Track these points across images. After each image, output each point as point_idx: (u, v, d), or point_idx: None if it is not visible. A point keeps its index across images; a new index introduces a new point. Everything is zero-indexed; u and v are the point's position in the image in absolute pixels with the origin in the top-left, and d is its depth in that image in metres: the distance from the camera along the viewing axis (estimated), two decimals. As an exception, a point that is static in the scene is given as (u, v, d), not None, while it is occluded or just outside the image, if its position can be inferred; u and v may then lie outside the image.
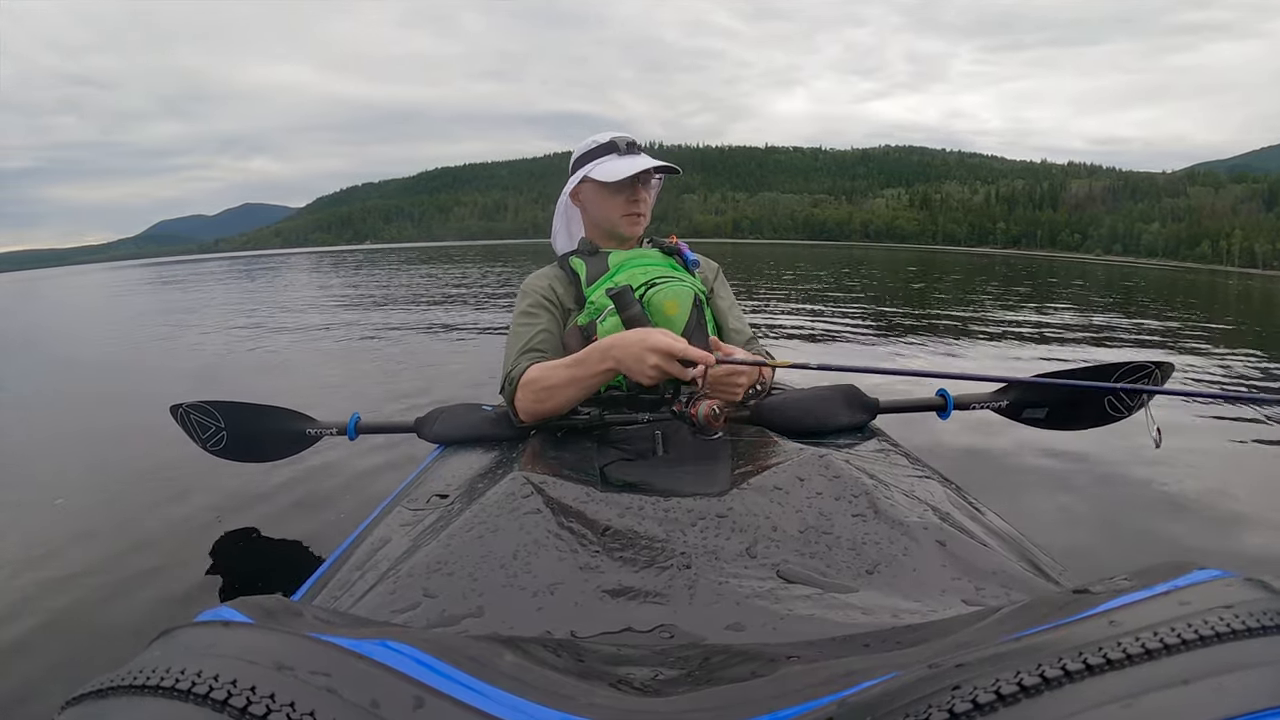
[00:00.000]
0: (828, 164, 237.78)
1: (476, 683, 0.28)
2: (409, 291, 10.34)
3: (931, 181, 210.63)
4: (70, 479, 2.22)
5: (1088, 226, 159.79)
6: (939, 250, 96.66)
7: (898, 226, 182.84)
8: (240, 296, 10.81)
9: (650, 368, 0.90)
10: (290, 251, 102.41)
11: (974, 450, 2.35)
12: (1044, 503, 1.95)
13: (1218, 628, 0.23)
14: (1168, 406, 2.69)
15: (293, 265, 25.68)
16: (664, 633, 0.49)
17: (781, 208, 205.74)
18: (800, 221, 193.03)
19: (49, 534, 1.73)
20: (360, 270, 18.49)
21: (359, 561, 0.71)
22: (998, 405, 1.36)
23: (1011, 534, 0.73)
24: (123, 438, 2.66)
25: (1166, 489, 2.03)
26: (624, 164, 1.16)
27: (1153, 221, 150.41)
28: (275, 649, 0.26)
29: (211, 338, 5.89)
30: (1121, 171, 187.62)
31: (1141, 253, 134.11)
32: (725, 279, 1.33)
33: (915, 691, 0.23)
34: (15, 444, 2.75)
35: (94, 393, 3.80)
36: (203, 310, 8.69)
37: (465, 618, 0.52)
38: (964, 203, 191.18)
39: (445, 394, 3.11)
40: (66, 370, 4.67)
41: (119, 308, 10.59)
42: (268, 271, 19.90)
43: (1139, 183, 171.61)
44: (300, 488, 1.96)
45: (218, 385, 3.77)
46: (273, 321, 6.94)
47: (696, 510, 0.65)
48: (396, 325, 6.23)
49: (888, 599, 0.53)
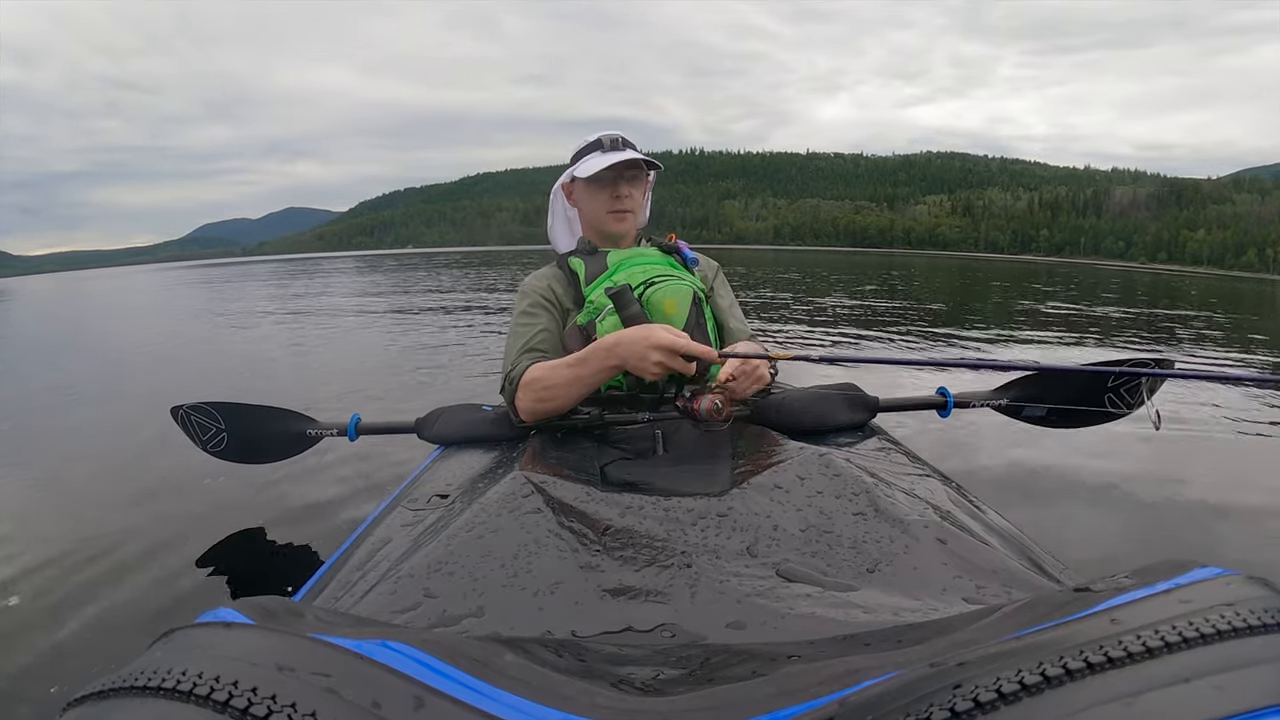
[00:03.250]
0: (869, 170, 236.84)
1: (477, 683, 0.28)
2: (434, 295, 10.29)
3: (974, 188, 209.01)
4: (70, 478, 2.22)
5: (1132, 234, 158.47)
6: (981, 258, 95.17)
7: (940, 234, 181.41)
8: (267, 298, 10.80)
9: (654, 364, 0.90)
10: (331, 255, 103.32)
11: (974, 449, 2.35)
12: (1044, 501, 1.95)
13: (1219, 626, 0.23)
14: (1169, 406, 2.69)
15: (331, 268, 25.83)
16: (665, 632, 0.49)
17: (823, 214, 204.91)
18: (842, 228, 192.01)
19: (48, 535, 1.73)
20: (394, 274, 18.52)
21: (359, 562, 0.71)
22: (998, 403, 1.36)
23: (1012, 532, 0.73)
24: (124, 437, 2.66)
25: (1167, 487, 2.03)
26: (604, 159, 1.15)
27: (1198, 229, 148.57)
28: (276, 650, 0.26)
29: (228, 336, 5.94)
30: (1166, 178, 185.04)
31: (1186, 261, 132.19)
32: (724, 278, 1.33)
33: (916, 690, 0.23)
34: (15, 443, 2.74)
35: (98, 392, 3.80)
36: (228, 311, 8.77)
37: (466, 618, 0.52)
38: (1006, 209, 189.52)
39: (446, 394, 3.11)
40: (75, 368, 4.67)
41: (150, 308, 10.73)
42: (304, 275, 19.89)
43: (1184, 189, 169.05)
44: (301, 489, 1.96)
45: (227, 384, 3.78)
46: (293, 322, 6.99)
47: (697, 509, 0.65)
48: (415, 326, 6.24)
49: (889, 598, 0.53)
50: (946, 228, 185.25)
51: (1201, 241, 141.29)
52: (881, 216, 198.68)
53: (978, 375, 3.19)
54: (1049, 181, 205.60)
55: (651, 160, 1.19)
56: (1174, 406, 2.92)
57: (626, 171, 1.18)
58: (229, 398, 1.50)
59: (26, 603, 1.40)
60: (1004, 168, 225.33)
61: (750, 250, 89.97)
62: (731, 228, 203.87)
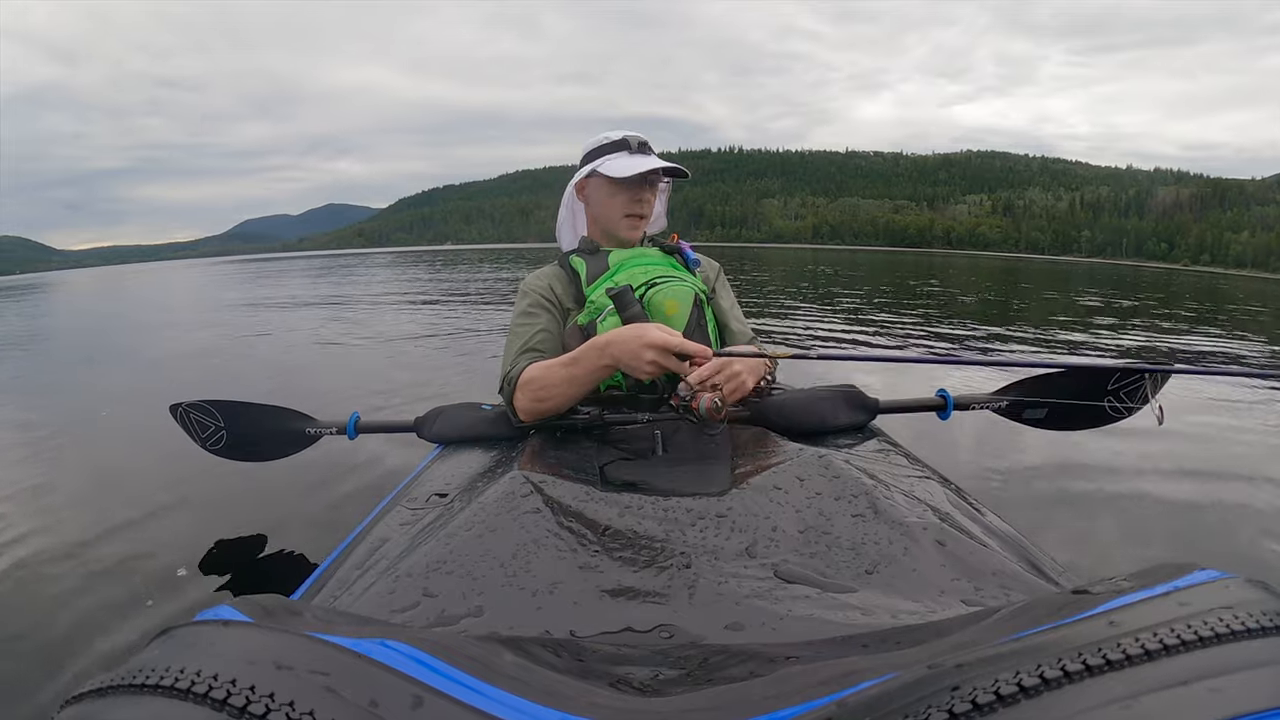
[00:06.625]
0: (909, 169, 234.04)
1: (476, 682, 0.28)
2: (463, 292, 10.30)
3: (1015, 188, 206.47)
4: (70, 476, 2.22)
5: (1174, 235, 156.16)
6: (1023, 258, 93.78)
7: (980, 234, 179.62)
8: (290, 295, 10.80)
9: (647, 363, 0.90)
10: (369, 251, 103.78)
11: (974, 450, 2.35)
12: (1044, 503, 1.94)
13: (1218, 629, 0.23)
14: (1170, 407, 2.69)
15: (367, 264, 25.94)
16: (663, 632, 0.49)
17: (862, 213, 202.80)
18: (881, 228, 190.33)
19: (47, 533, 1.73)
20: (430, 270, 18.61)
21: (358, 561, 0.71)
22: (998, 405, 1.36)
23: (1011, 534, 0.73)
24: (124, 436, 2.66)
25: (1167, 489, 2.03)
26: (633, 162, 1.14)
27: (1242, 230, 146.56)
28: (274, 648, 0.26)
29: (245, 333, 5.96)
30: (1210, 178, 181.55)
31: (1230, 263, 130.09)
32: (726, 279, 1.33)
33: (914, 692, 0.23)
34: (16, 443, 2.74)
35: (100, 390, 3.80)
36: (254, 306, 8.81)
37: (464, 617, 0.51)
38: (1047, 209, 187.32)
39: (446, 393, 3.11)
40: (81, 366, 4.67)
41: (177, 303, 10.88)
42: (339, 271, 19.98)
43: (1228, 189, 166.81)
44: (300, 487, 1.96)
45: (232, 380, 3.77)
46: (314, 318, 7.03)
47: (696, 510, 0.65)
48: (429, 326, 6.25)
49: (887, 599, 0.53)
50: (987, 228, 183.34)
51: (1245, 243, 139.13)
52: (921, 216, 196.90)
53: (977, 377, 3.19)
54: (1091, 182, 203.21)
55: (681, 169, 1.18)
56: (1175, 406, 2.91)
57: (650, 177, 1.18)
58: (235, 394, 1.50)
59: (23, 600, 1.40)
60: (1045, 167, 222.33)
61: (789, 249, 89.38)
62: (770, 226, 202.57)
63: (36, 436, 2.81)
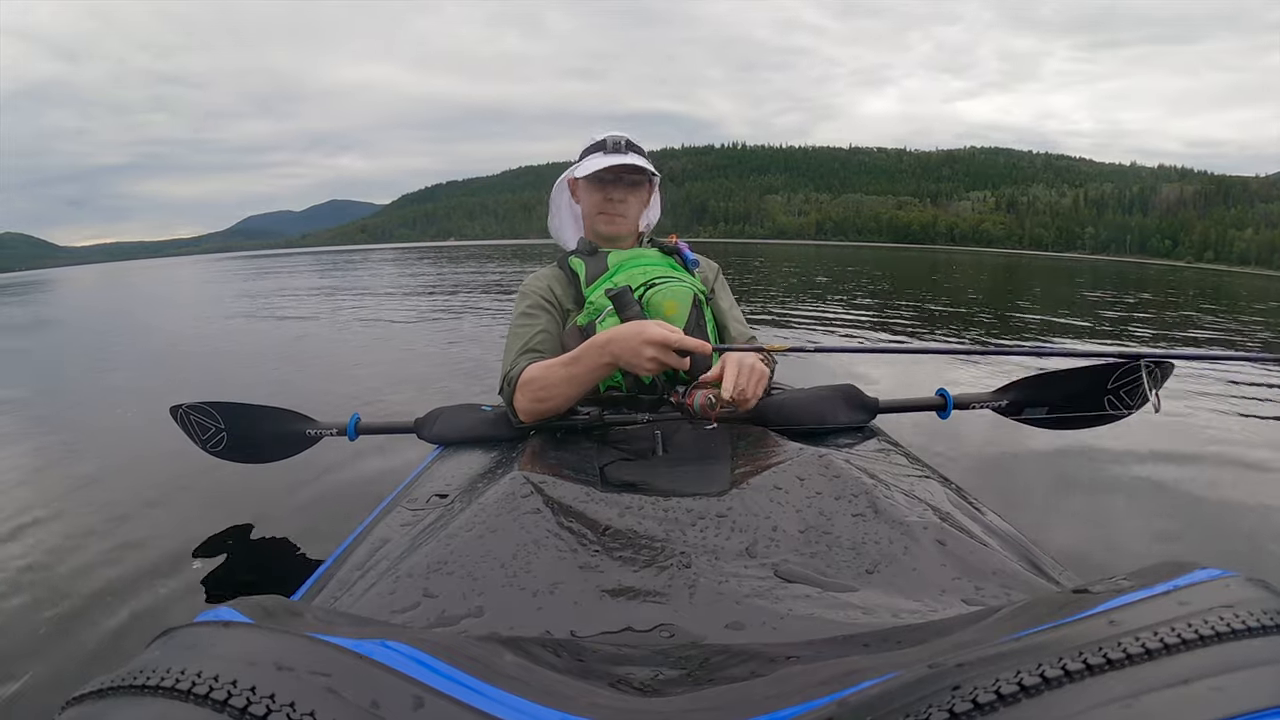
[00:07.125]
0: (912, 165, 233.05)
1: (476, 682, 0.28)
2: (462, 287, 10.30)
3: (1018, 184, 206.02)
4: (69, 476, 2.22)
5: (1178, 232, 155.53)
6: (1026, 255, 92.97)
7: (984, 230, 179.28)
8: (292, 291, 10.84)
9: (648, 359, 0.90)
10: (372, 247, 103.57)
11: (974, 450, 2.35)
12: (1044, 502, 1.94)
13: (1218, 627, 0.23)
14: (1171, 403, 2.69)
15: (369, 260, 26.09)
16: (664, 632, 0.49)
17: (865, 209, 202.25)
18: (884, 224, 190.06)
19: (46, 533, 1.73)
20: (434, 265, 18.70)
21: (359, 561, 0.71)
22: (998, 405, 1.36)
23: (1011, 534, 0.73)
24: (125, 436, 2.66)
25: (1167, 488, 2.03)
26: (603, 160, 1.15)
27: (1245, 227, 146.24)
28: (275, 649, 0.26)
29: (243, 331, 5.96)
30: (1214, 175, 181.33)
31: (1234, 260, 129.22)
32: (725, 279, 1.33)
33: (915, 691, 0.23)
34: (15, 442, 2.74)
35: (101, 390, 3.79)
36: (251, 302, 8.86)
37: (465, 617, 0.52)
38: (1051, 206, 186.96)
39: (446, 394, 3.11)
40: (81, 366, 4.67)
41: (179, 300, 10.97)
42: (345, 266, 20.05)
43: (1231, 186, 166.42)
44: (300, 488, 1.96)
45: (233, 379, 3.77)
46: (309, 316, 7.02)
47: (696, 510, 0.65)
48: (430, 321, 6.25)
49: (888, 599, 0.53)
50: (990, 224, 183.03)
51: (1249, 241, 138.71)
52: (924, 212, 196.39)
53: (977, 377, 3.19)
54: (1094, 178, 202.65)
55: (647, 167, 1.18)
56: (1176, 407, 2.91)
57: (625, 175, 1.18)
58: (235, 394, 1.50)
59: (23, 601, 1.40)
60: (1049, 164, 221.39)
61: (792, 245, 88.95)
62: (774, 222, 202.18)
63: (36, 436, 2.81)
